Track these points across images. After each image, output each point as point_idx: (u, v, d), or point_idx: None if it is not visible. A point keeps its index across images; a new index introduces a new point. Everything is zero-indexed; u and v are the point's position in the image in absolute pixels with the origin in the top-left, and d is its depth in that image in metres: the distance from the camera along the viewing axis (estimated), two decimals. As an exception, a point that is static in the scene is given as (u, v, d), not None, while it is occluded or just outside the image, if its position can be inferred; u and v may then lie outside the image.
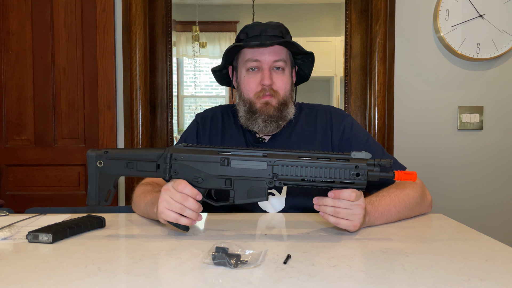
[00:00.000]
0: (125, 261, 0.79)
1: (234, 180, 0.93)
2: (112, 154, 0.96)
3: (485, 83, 2.23)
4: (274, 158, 0.91)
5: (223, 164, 0.92)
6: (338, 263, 0.76)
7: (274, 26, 1.25)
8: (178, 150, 0.94)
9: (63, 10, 2.19)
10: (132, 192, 1.24)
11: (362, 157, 0.90)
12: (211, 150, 0.94)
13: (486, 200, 2.26)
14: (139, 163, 0.95)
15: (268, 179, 0.91)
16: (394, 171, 0.90)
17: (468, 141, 2.25)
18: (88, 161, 0.96)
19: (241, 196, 0.93)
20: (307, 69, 1.35)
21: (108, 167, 0.96)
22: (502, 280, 0.69)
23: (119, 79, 2.21)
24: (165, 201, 0.93)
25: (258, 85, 1.22)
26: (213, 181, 0.93)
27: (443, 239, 0.94)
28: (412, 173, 0.89)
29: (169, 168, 0.94)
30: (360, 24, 2.32)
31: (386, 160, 0.89)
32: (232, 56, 1.29)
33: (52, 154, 2.22)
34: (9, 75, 2.21)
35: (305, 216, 1.17)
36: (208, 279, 0.68)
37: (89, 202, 0.97)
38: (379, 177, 0.89)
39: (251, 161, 0.92)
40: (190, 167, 0.94)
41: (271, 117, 1.21)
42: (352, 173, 0.89)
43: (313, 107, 1.36)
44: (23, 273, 0.71)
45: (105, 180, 0.96)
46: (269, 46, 1.20)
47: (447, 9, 2.16)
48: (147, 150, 0.96)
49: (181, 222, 0.93)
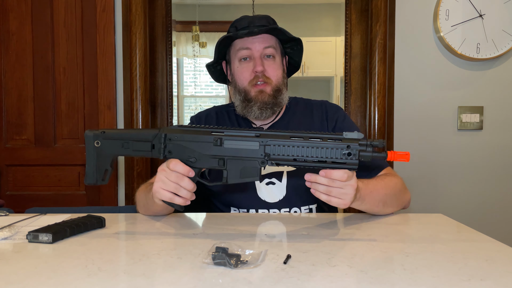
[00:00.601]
0: (125, 261, 0.79)
1: (227, 160, 0.94)
2: (109, 134, 0.98)
3: (485, 83, 2.23)
4: (266, 138, 0.92)
5: (216, 144, 0.93)
6: (338, 263, 0.76)
7: (261, 17, 1.30)
8: (173, 131, 0.96)
9: (63, 10, 2.19)
10: (132, 192, 1.25)
11: (354, 137, 0.89)
12: (205, 130, 0.95)
13: (486, 200, 2.26)
14: (134, 143, 0.97)
15: (260, 159, 0.92)
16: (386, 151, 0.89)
17: (468, 141, 2.25)
18: (86, 141, 1.00)
19: (234, 176, 0.94)
20: (297, 57, 1.39)
21: (105, 147, 0.98)
22: (502, 280, 0.69)
23: (119, 79, 2.21)
24: (160, 180, 0.95)
25: (251, 73, 1.25)
26: (207, 161, 0.95)
27: (443, 239, 0.94)
28: (406, 153, 0.88)
29: (164, 148, 0.96)
30: (360, 24, 2.32)
31: (379, 140, 0.89)
32: (225, 50, 1.33)
33: (52, 154, 2.22)
34: (9, 75, 2.21)
35: (305, 216, 1.17)
36: (208, 279, 0.68)
37: (87, 181, 1.00)
38: (371, 157, 0.88)
39: (244, 141, 0.93)
40: (184, 147, 0.95)
41: (266, 104, 1.25)
42: (344, 152, 0.88)
43: (309, 101, 1.40)
44: (23, 273, 0.71)
45: (102, 159, 0.99)
46: (257, 34, 1.25)
47: (447, 9, 2.16)
48: (142, 130, 0.99)
49: (175, 201, 0.95)
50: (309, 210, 1.26)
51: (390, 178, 1.16)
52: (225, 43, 1.29)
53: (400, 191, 1.17)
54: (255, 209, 1.24)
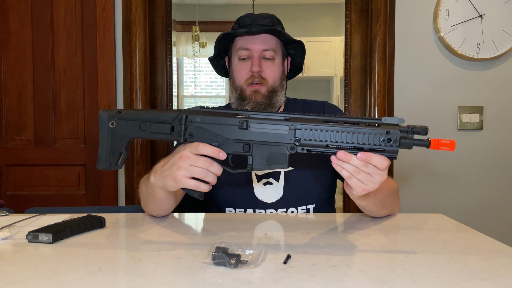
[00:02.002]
0: (125, 261, 0.79)
1: (253, 145, 0.86)
2: (125, 114, 0.91)
3: (485, 83, 2.23)
4: (296, 122, 0.84)
5: (241, 127, 0.86)
6: (338, 263, 0.76)
7: (265, 16, 1.31)
8: (194, 112, 0.89)
9: (63, 10, 2.19)
10: (132, 192, 1.25)
11: (394, 122, 0.80)
12: (229, 112, 0.88)
13: (486, 200, 2.26)
14: (152, 125, 0.89)
15: (290, 145, 0.84)
16: (429, 139, 0.81)
17: (468, 141, 2.25)
18: (100, 121, 0.91)
19: (260, 163, 0.86)
20: (300, 58, 1.40)
21: (121, 128, 0.91)
22: (502, 280, 0.69)
23: (119, 79, 2.21)
24: (184, 169, 0.87)
25: (248, 72, 1.27)
26: (231, 145, 0.87)
27: (443, 239, 0.94)
28: (451, 141, 0.79)
29: (184, 130, 0.88)
30: (360, 24, 2.32)
31: (421, 126, 0.80)
32: (227, 45, 1.35)
33: (52, 154, 2.22)
34: (9, 75, 2.20)
35: (305, 216, 1.17)
36: (208, 279, 0.68)
37: (99, 166, 0.92)
38: (412, 145, 0.80)
39: (272, 124, 0.85)
40: (206, 130, 0.88)
41: (259, 104, 1.26)
42: (383, 139, 0.79)
43: (307, 101, 1.41)
44: (23, 273, 0.71)
45: (117, 142, 0.91)
46: (256, 34, 1.26)
47: (447, 9, 2.16)
48: (162, 111, 0.91)
49: (201, 188, 0.88)
50: (306, 210, 1.26)
51: (390, 181, 1.13)
52: (227, 39, 1.31)
53: (395, 196, 1.16)
54: (252, 209, 1.24)
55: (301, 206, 1.25)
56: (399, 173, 2.24)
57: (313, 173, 1.27)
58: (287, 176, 1.26)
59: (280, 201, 1.24)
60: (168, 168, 0.91)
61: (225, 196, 1.26)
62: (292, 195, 1.25)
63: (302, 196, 1.25)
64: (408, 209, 2.22)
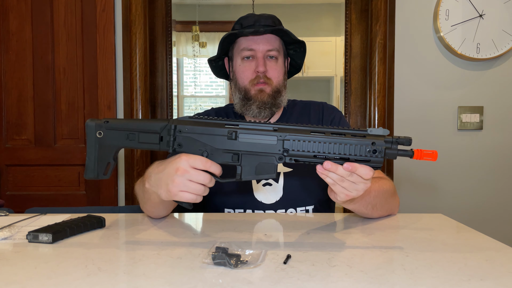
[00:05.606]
0: (125, 261, 0.79)
1: (241, 155, 0.87)
2: (113, 124, 0.90)
3: (485, 83, 2.23)
4: (285, 133, 0.85)
5: (230, 137, 0.87)
6: (338, 263, 0.76)
7: (267, 16, 1.31)
8: (183, 122, 0.89)
9: (63, 10, 2.19)
10: (132, 192, 1.25)
11: (379, 133, 0.84)
12: (218, 122, 0.89)
13: (486, 200, 2.26)
14: (141, 135, 0.89)
15: (278, 155, 0.86)
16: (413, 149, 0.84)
17: (468, 141, 2.25)
18: (87, 131, 0.91)
19: (248, 173, 0.87)
20: (299, 59, 1.40)
21: (108, 138, 0.90)
22: (502, 280, 0.69)
23: (119, 79, 2.21)
24: (182, 184, 0.86)
25: (253, 73, 1.26)
26: (219, 155, 0.88)
27: (443, 239, 0.94)
28: (433, 151, 0.82)
29: (173, 140, 0.88)
30: (360, 24, 2.32)
31: (405, 137, 0.83)
32: (228, 46, 1.34)
33: (52, 154, 2.22)
34: (9, 75, 2.21)
35: (304, 216, 1.17)
36: (208, 279, 0.68)
37: (87, 175, 0.92)
38: (397, 155, 0.83)
39: (261, 135, 0.86)
40: (195, 140, 0.88)
41: (265, 103, 1.25)
42: (369, 149, 0.82)
43: (307, 103, 1.41)
44: (23, 273, 0.71)
45: (104, 152, 0.90)
46: (262, 34, 1.26)
47: (447, 9, 2.16)
48: (150, 121, 0.91)
49: (198, 201, 0.88)
50: (305, 211, 1.26)
51: (384, 182, 1.12)
52: (229, 40, 1.30)
53: (390, 196, 1.13)
54: (252, 210, 1.24)
55: (300, 207, 1.25)
56: (399, 173, 2.24)
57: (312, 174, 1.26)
58: (287, 177, 1.26)
59: (279, 202, 1.24)
60: (163, 178, 0.89)
61: (224, 198, 1.26)
62: (292, 196, 1.25)
63: (301, 197, 1.25)
64: (408, 209, 2.22)
